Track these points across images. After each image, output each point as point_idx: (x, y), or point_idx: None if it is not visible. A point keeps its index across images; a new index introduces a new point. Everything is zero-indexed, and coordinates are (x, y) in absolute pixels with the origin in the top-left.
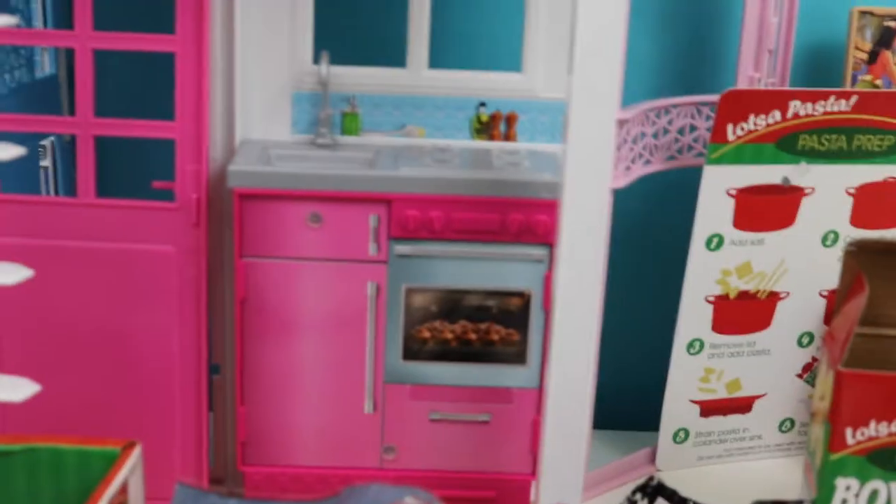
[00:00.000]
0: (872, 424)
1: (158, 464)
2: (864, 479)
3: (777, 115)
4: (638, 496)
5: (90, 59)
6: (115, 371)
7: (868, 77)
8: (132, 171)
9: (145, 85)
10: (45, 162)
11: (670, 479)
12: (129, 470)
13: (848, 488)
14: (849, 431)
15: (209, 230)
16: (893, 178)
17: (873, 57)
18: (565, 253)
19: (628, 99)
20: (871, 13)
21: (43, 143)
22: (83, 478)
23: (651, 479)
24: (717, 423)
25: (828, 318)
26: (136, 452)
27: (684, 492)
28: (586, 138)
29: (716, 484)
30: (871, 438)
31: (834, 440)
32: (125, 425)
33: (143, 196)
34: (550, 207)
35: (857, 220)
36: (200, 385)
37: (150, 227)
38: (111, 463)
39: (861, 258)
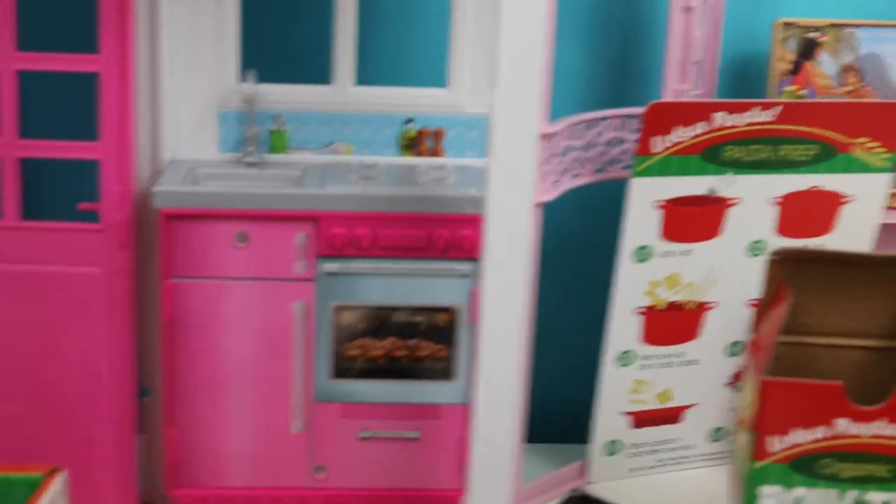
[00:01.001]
0: (795, 432)
1: (88, 488)
2: (787, 487)
3: (702, 126)
4: None
5: (14, 80)
6: (40, 394)
7: (792, 88)
8: (58, 193)
9: (72, 105)
10: None
11: (604, 490)
12: (53, 496)
13: (772, 496)
14: (772, 439)
15: (136, 251)
16: (818, 187)
17: (797, 68)
18: (490, 268)
19: (557, 112)
20: (794, 25)
21: None
22: None
23: (574, 490)
24: (649, 434)
25: (755, 327)
26: (60, 478)
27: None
28: (509, 153)
29: (648, 494)
30: (793, 446)
31: (758, 448)
32: (53, 450)
33: (69, 218)
34: (476, 222)
35: (783, 229)
36: (128, 408)
37: (76, 249)
38: (34, 490)
39: (784, 267)
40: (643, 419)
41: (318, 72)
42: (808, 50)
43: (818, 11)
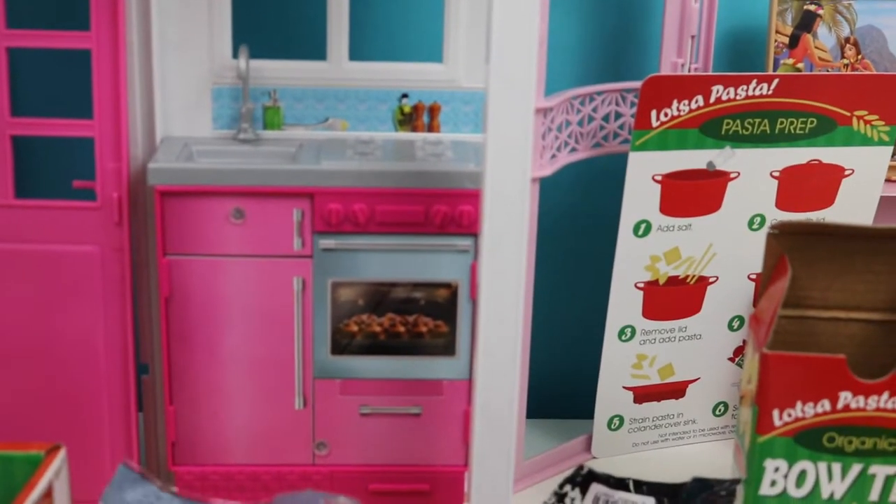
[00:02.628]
0: (799, 405)
1: (88, 466)
2: (792, 460)
3: (700, 100)
4: (567, 488)
5: (4, 57)
6: (39, 374)
7: (790, 61)
8: (52, 171)
9: (64, 82)
10: None
11: (606, 465)
12: (54, 474)
13: (777, 469)
14: (776, 413)
15: (132, 228)
16: (817, 160)
17: (794, 41)
18: (488, 243)
19: (553, 87)
20: None
21: None
22: (6, 484)
23: (581, 467)
24: (651, 408)
25: (756, 301)
26: (61, 456)
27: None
28: (505, 127)
29: (651, 469)
30: (797, 419)
31: (761, 422)
32: (52, 429)
33: (63, 196)
34: (474, 197)
35: (782, 203)
36: (128, 385)
37: (71, 227)
38: (35, 468)
39: (784, 240)
40: (645, 394)
41: (312, 47)
42: (805, 23)
43: None
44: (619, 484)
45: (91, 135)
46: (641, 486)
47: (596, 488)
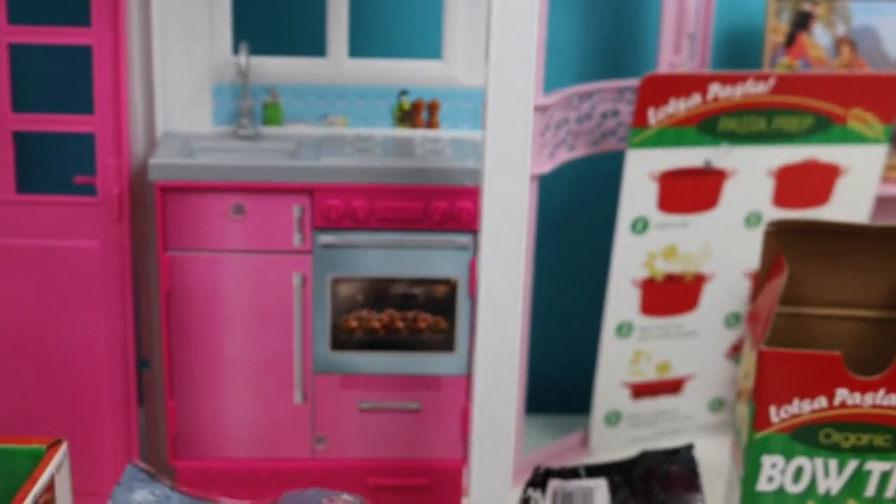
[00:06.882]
0: (796, 402)
1: (89, 461)
2: (788, 457)
3: (697, 98)
4: (530, 491)
5: (5, 53)
6: (41, 369)
7: (786, 59)
8: (53, 167)
9: (65, 78)
10: None
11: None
12: (55, 468)
13: (774, 465)
14: (773, 409)
15: (133, 224)
16: (813, 158)
17: (790, 40)
18: (487, 240)
19: (551, 84)
20: None
21: None
22: (8, 478)
23: (538, 468)
24: (649, 404)
25: (753, 298)
26: (62, 450)
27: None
28: (505, 125)
29: None
30: (794, 416)
31: (758, 418)
32: (53, 423)
33: (64, 191)
34: (474, 194)
35: (779, 200)
36: (128, 380)
37: (72, 222)
38: (37, 462)
39: (781, 238)
40: (642, 390)
41: (312, 44)
42: (801, 21)
43: None
44: (572, 473)
45: (92, 130)
46: (592, 470)
47: (553, 483)
